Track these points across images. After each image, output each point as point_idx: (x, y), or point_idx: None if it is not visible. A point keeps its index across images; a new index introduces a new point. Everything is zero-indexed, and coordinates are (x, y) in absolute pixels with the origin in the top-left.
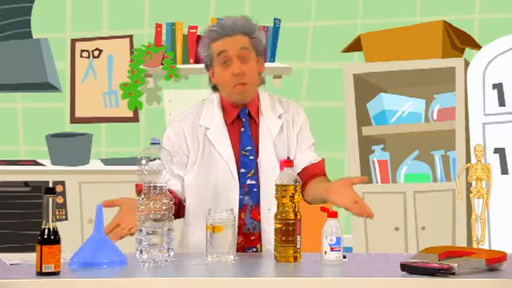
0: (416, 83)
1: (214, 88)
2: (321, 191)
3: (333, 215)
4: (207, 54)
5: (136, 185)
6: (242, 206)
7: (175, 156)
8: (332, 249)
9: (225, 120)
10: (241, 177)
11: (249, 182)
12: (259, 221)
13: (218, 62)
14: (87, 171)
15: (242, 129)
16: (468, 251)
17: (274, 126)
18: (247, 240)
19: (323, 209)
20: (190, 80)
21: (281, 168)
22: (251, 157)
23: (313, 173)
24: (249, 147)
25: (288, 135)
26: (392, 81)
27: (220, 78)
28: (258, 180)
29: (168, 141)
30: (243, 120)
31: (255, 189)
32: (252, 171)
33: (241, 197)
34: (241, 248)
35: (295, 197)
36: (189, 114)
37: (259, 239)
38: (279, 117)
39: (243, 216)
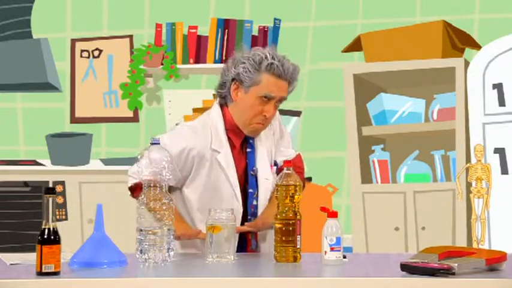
0: (416, 83)
1: (222, 98)
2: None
3: (333, 215)
4: (251, 76)
5: (131, 187)
6: None
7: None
8: (332, 249)
9: (231, 144)
10: (249, 197)
11: (254, 202)
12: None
13: (258, 94)
14: (87, 171)
15: (248, 149)
16: (468, 251)
17: (265, 135)
18: None
19: (323, 209)
20: (190, 80)
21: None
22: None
23: None
24: (255, 168)
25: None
26: (392, 81)
27: (247, 106)
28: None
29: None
30: (250, 141)
31: (257, 210)
32: (256, 192)
33: (249, 217)
34: None
35: (295, 197)
36: (195, 134)
37: None
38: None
39: (250, 238)
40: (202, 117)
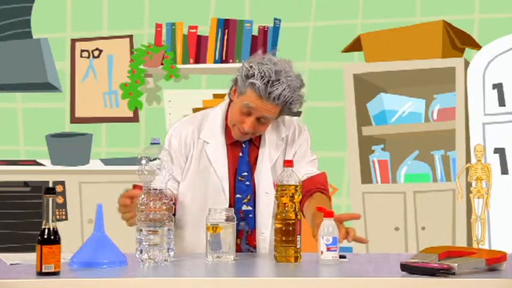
0: (416, 83)
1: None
2: (312, 224)
3: (329, 215)
4: (240, 86)
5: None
6: (238, 232)
7: (175, 160)
8: (328, 249)
9: (226, 140)
10: (237, 202)
11: (244, 207)
12: (255, 247)
13: (241, 104)
14: (87, 171)
15: (240, 154)
16: (468, 251)
17: (276, 150)
18: None
19: (319, 209)
20: (190, 80)
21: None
22: (247, 183)
23: (308, 188)
24: (245, 173)
25: (286, 156)
26: (392, 81)
27: (234, 110)
28: (254, 206)
29: (169, 146)
30: (243, 146)
31: (250, 215)
32: (248, 197)
33: (236, 222)
34: None
35: (295, 197)
36: (191, 122)
37: None
38: (282, 139)
39: (238, 242)
40: (209, 108)
